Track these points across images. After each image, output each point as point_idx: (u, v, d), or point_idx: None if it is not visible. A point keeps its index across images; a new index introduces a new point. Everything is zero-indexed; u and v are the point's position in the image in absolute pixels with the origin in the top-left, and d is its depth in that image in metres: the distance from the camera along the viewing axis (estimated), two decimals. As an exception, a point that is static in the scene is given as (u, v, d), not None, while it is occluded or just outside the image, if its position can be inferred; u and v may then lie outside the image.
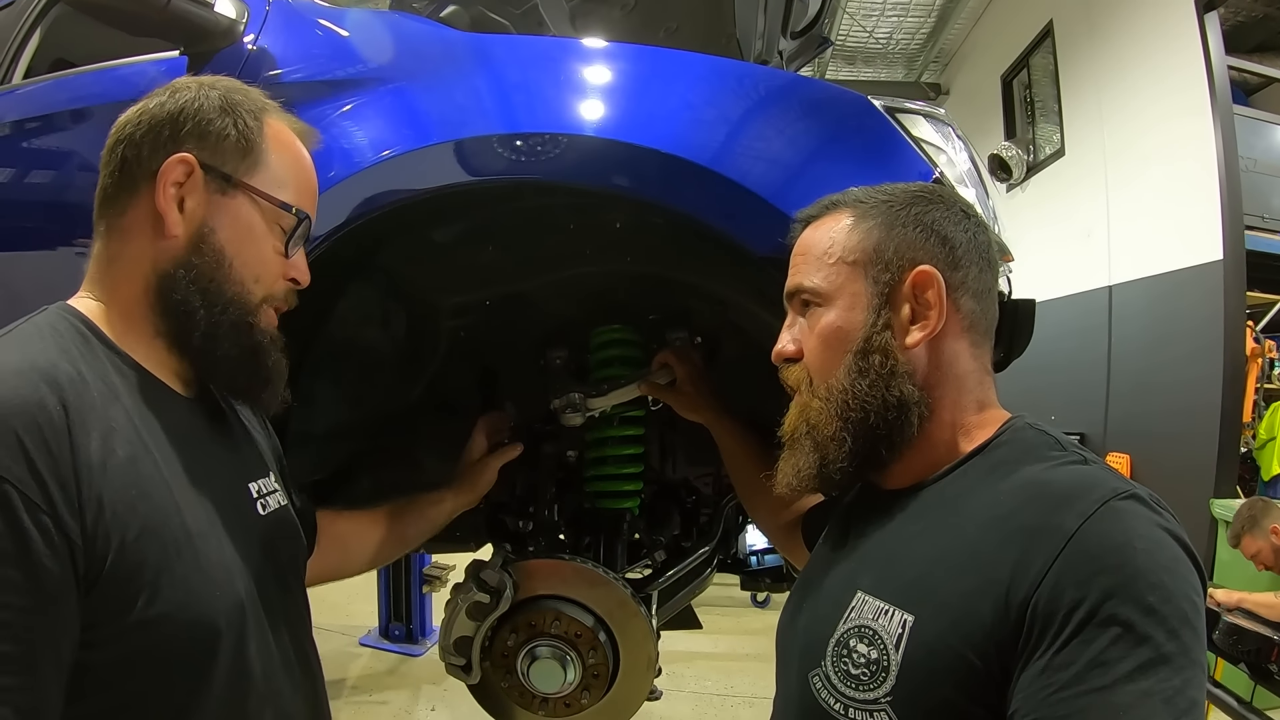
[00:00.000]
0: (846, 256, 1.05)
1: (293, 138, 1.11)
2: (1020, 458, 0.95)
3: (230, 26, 1.74)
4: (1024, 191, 8.33)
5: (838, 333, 1.04)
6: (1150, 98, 6.23)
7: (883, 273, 1.03)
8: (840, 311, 1.04)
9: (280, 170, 1.07)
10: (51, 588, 0.77)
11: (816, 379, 1.06)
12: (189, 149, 1.00)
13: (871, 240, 1.04)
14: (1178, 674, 0.73)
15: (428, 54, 1.67)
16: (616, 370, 1.79)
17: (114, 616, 0.82)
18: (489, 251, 1.70)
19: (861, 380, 1.01)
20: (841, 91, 1.58)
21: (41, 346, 0.88)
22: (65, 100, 1.97)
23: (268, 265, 1.06)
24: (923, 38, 10.21)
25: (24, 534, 0.75)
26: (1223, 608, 3.37)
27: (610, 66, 1.59)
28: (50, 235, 1.90)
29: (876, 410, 1.00)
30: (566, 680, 1.62)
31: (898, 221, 1.05)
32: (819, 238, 1.09)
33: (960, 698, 0.83)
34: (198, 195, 1.01)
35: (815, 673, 0.97)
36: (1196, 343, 5.56)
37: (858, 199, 1.09)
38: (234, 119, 1.04)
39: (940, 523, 0.96)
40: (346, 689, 4.62)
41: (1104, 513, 0.81)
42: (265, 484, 1.14)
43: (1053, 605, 0.78)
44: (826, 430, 1.03)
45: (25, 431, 0.78)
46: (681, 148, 1.41)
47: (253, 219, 1.04)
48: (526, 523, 1.89)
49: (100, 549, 0.81)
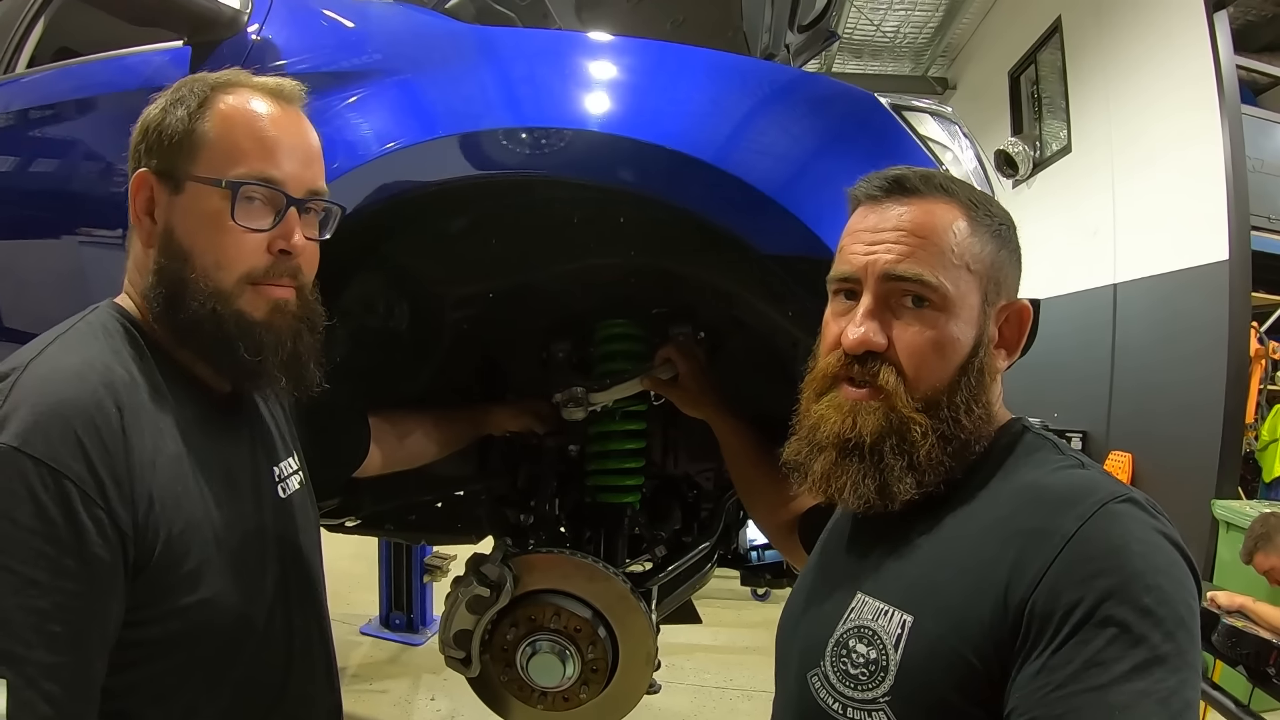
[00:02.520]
0: (973, 264, 0.97)
1: (244, 104, 1.04)
2: (1021, 461, 0.96)
3: (234, 17, 1.74)
4: (1030, 188, 8.31)
5: (956, 345, 0.96)
6: (1158, 96, 6.21)
7: (995, 294, 0.98)
8: (960, 324, 0.96)
9: (224, 144, 1.02)
10: (103, 574, 0.85)
11: (917, 386, 0.95)
12: (148, 162, 1.03)
13: (989, 254, 0.98)
14: (1173, 675, 0.74)
15: (433, 46, 1.67)
16: (619, 364, 1.78)
17: (158, 600, 0.91)
18: (493, 244, 1.70)
19: (970, 403, 0.95)
20: (848, 89, 1.57)
21: (98, 349, 0.95)
22: (69, 90, 1.98)
23: (228, 247, 1.01)
24: (930, 32, 10.19)
25: (81, 526, 0.83)
26: (1223, 610, 3.36)
27: (616, 61, 1.59)
28: (54, 224, 1.91)
29: (970, 431, 0.96)
30: (566, 675, 1.62)
31: (1006, 244, 1.00)
32: (935, 225, 0.97)
33: (959, 698, 0.83)
34: (161, 202, 1.03)
35: (814, 673, 0.97)
36: (1200, 343, 5.56)
37: (968, 195, 1.00)
38: (172, 117, 1.02)
39: (941, 523, 0.95)
40: (347, 677, 4.61)
41: (1102, 515, 0.81)
42: (287, 466, 1.20)
43: (1050, 606, 0.78)
44: (931, 453, 0.94)
45: (84, 431, 0.85)
46: (687, 144, 1.40)
47: (202, 205, 1.01)
48: (527, 516, 1.89)
49: (149, 540, 0.89)
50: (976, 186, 1.19)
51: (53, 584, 0.81)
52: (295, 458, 1.24)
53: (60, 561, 0.81)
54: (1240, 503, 5.22)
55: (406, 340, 1.90)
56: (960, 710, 0.83)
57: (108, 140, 1.88)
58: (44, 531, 0.81)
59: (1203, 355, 5.52)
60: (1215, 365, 5.40)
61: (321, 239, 1.13)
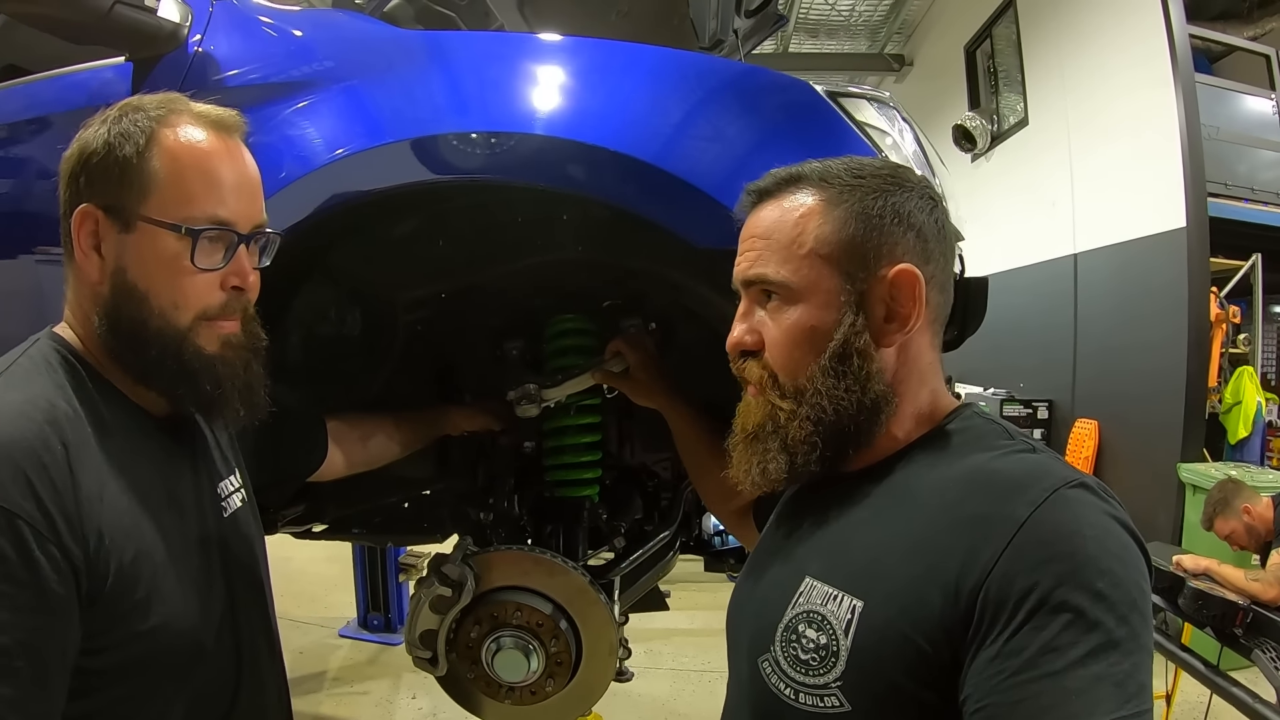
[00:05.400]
0: (820, 249, 0.97)
1: (192, 143, 1.04)
2: (969, 446, 0.95)
3: (174, 31, 1.72)
4: (989, 161, 8.40)
5: (810, 333, 0.97)
6: (1113, 67, 6.29)
7: (859, 270, 0.97)
8: (813, 310, 0.97)
9: (175, 187, 1.02)
10: (59, 608, 0.86)
11: (783, 377, 1.00)
12: (89, 196, 1.02)
13: (847, 232, 0.97)
14: (1127, 658, 0.75)
15: (376, 53, 1.66)
16: (571, 359, 1.79)
17: (112, 628, 0.92)
18: (440, 246, 1.70)
19: (838, 385, 0.96)
20: (784, 79, 1.58)
21: (40, 384, 0.96)
22: (14, 110, 1.95)
23: (185, 289, 1.04)
24: (885, 9, 10.25)
25: (34, 563, 0.84)
26: (1188, 574, 3.41)
27: (557, 62, 1.60)
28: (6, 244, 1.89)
29: (851, 414, 0.96)
30: (531, 669, 1.63)
31: (873, 212, 0.97)
32: (782, 221, 1.00)
33: (910, 682, 0.83)
34: (109, 238, 1.02)
35: (765, 658, 0.97)
36: (1161, 309, 5.66)
37: (823, 177, 1.00)
38: (118, 153, 1.02)
39: (889, 509, 0.95)
40: (328, 680, 4.62)
41: (1054, 501, 0.82)
42: (228, 484, 1.21)
43: (1004, 593, 0.78)
44: (798, 434, 0.98)
45: (32, 470, 0.86)
46: (627, 144, 1.42)
47: (158, 247, 1.02)
48: (488, 514, 1.90)
49: (101, 571, 0.90)
50: (899, 165, 1.15)
51: (12, 620, 0.82)
52: (236, 476, 1.25)
53: (18, 598, 0.83)
54: (1206, 465, 5.32)
55: (360, 345, 1.90)
56: (911, 694, 0.84)
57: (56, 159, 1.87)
58: (1, 571, 0.82)
59: (1164, 321, 5.62)
60: (1176, 331, 5.50)
61: (263, 266, 1.14)
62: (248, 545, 1.21)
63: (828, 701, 0.88)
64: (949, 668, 0.81)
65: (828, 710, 0.89)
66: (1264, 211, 6.19)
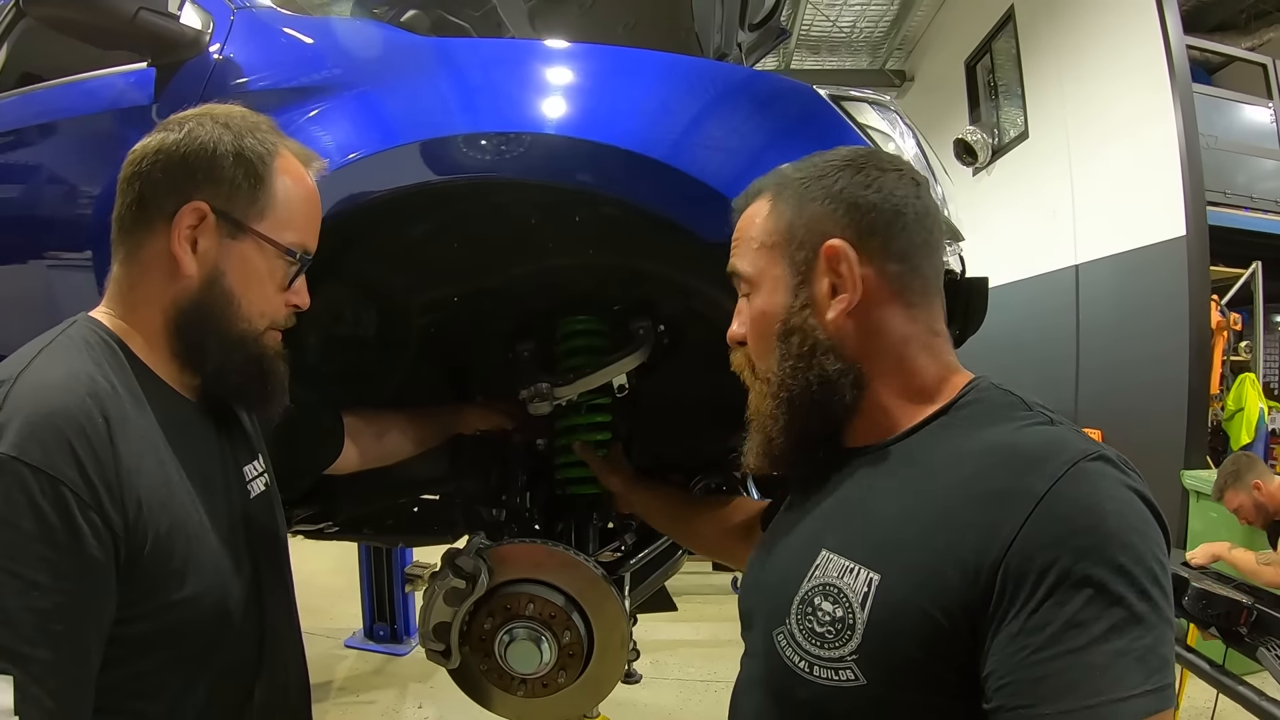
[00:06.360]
0: (766, 240, 1.08)
1: (301, 173, 1.17)
2: (987, 418, 0.95)
3: (196, 37, 1.78)
4: (990, 174, 8.44)
5: (763, 318, 1.08)
6: (1111, 78, 6.34)
7: (797, 251, 1.05)
8: (765, 296, 1.08)
9: (286, 211, 1.14)
10: (99, 575, 0.90)
11: (757, 363, 1.10)
12: (203, 195, 1.08)
13: (784, 221, 1.06)
14: (1149, 632, 0.75)
15: (390, 58, 1.71)
16: (583, 359, 1.82)
17: (147, 596, 0.95)
18: (454, 248, 1.74)
19: (785, 363, 1.04)
20: (788, 83, 1.63)
21: (81, 361, 0.99)
22: (34, 115, 2.00)
23: (271, 302, 1.15)
24: (886, 25, 10.32)
25: (78, 530, 0.87)
26: (1194, 572, 3.41)
27: (568, 66, 1.64)
28: (22, 248, 1.94)
29: (800, 390, 1.03)
30: (543, 661, 1.65)
31: (806, 197, 1.05)
32: (745, 222, 1.13)
33: (925, 656, 0.84)
34: (210, 238, 1.09)
35: (780, 631, 0.98)
36: (1163, 318, 5.67)
37: (778, 181, 1.10)
38: (245, 167, 1.10)
39: (906, 482, 0.96)
40: (334, 690, 4.63)
41: (1073, 474, 0.82)
42: (254, 467, 1.26)
43: (1025, 567, 0.78)
44: (765, 411, 1.08)
45: (77, 439, 0.90)
46: (640, 144, 1.46)
47: (259, 262, 1.13)
48: (500, 511, 1.93)
49: (138, 540, 0.94)
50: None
51: (54, 586, 0.85)
52: (261, 460, 1.29)
53: (60, 564, 0.86)
54: (1209, 472, 5.30)
55: (376, 345, 1.93)
56: (926, 668, 0.84)
57: (75, 164, 1.93)
58: (44, 536, 0.85)
59: (1166, 330, 5.63)
60: (1178, 339, 5.51)
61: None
62: (272, 527, 1.26)
63: (843, 675, 0.89)
64: (967, 642, 0.82)
65: (842, 683, 0.90)
66: (1263, 220, 6.24)
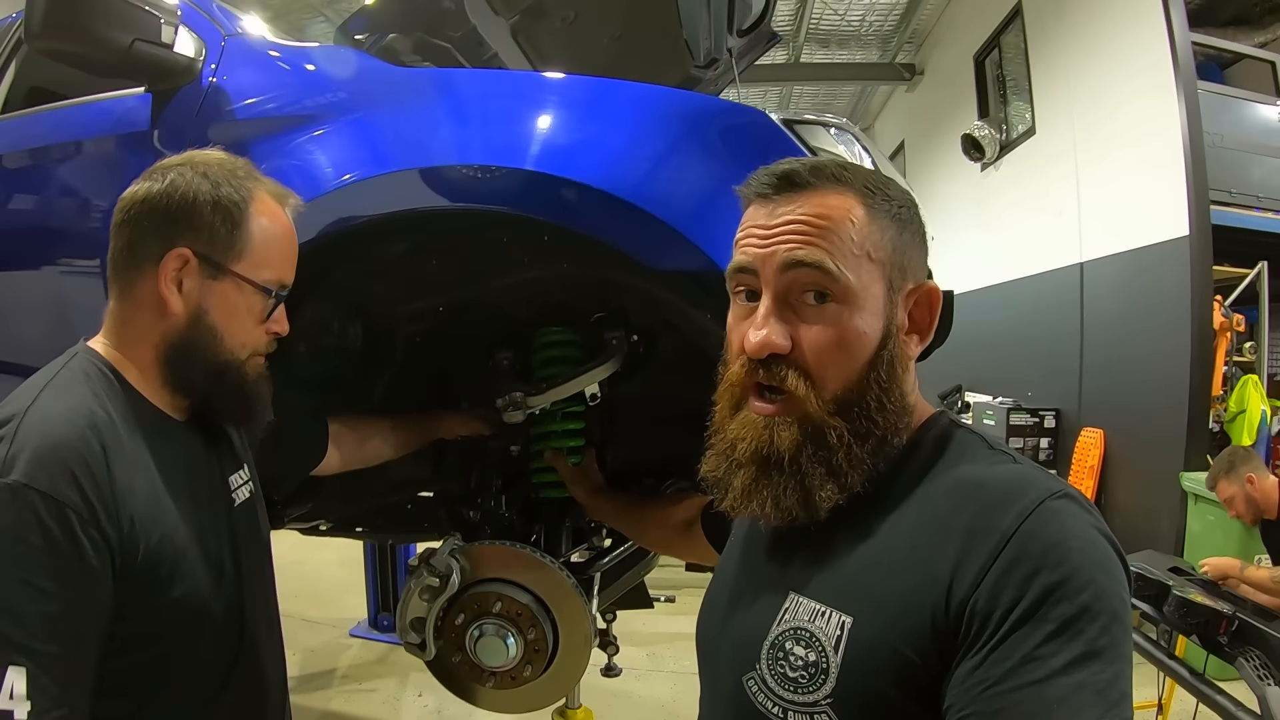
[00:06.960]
0: (874, 252, 0.93)
1: (277, 213, 1.29)
2: (953, 457, 0.94)
3: (189, 65, 1.90)
4: (997, 170, 8.44)
5: (863, 340, 0.93)
6: (1117, 75, 6.31)
7: (900, 279, 0.96)
8: (868, 316, 0.93)
9: (263, 251, 1.26)
10: (98, 581, 1.04)
11: (828, 388, 0.93)
12: (185, 241, 1.21)
13: (889, 240, 0.94)
14: (1109, 666, 0.75)
15: (375, 88, 1.81)
16: (556, 369, 1.90)
17: (139, 598, 1.09)
18: (434, 264, 1.84)
19: (887, 397, 0.93)
20: (738, 109, 1.70)
21: (80, 394, 1.13)
22: (40, 135, 2.11)
23: (252, 334, 1.28)
24: (895, 19, 10.28)
25: (78, 543, 1.02)
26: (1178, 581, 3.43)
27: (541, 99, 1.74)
28: (30, 260, 2.07)
29: (891, 427, 0.95)
30: (510, 655, 1.73)
31: (907, 227, 0.97)
32: (831, 215, 0.93)
33: (900, 696, 0.83)
34: (193, 280, 1.22)
35: (750, 676, 0.95)
36: (1166, 317, 5.66)
37: (865, 183, 0.96)
38: (222, 214, 1.22)
39: (874, 521, 0.93)
40: (337, 678, 4.74)
41: (1041, 513, 0.82)
42: (239, 476, 1.39)
43: (991, 604, 0.79)
44: (840, 451, 0.92)
45: (78, 467, 1.04)
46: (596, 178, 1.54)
47: (238, 299, 1.25)
48: (476, 513, 2.01)
49: (131, 550, 1.08)
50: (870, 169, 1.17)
51: (59, 591, 0.99)
52: (246, 469, 1.42)
53: (65, 572, 1.00)
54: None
55: (362, 355, 2.03)
56: (901, 708, 0.84)
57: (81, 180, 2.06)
58: (51, 550, 0.99)
59: (1168, 330, 5.62)
60: (1180, 339, 5.50)
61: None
62: (254, 532, 1.39)
63: (818, 718, 0.88)
64: (938, 679, 0.82)
65: None
66: (1271, 219, 6.15)
